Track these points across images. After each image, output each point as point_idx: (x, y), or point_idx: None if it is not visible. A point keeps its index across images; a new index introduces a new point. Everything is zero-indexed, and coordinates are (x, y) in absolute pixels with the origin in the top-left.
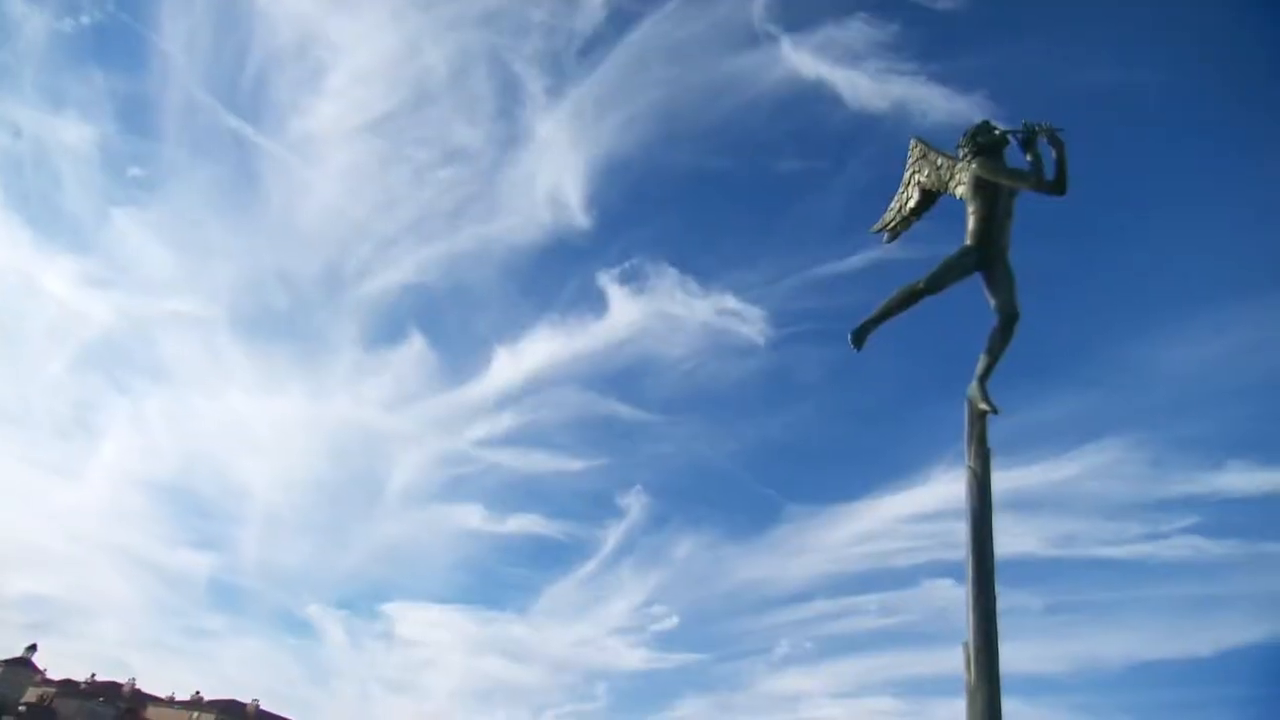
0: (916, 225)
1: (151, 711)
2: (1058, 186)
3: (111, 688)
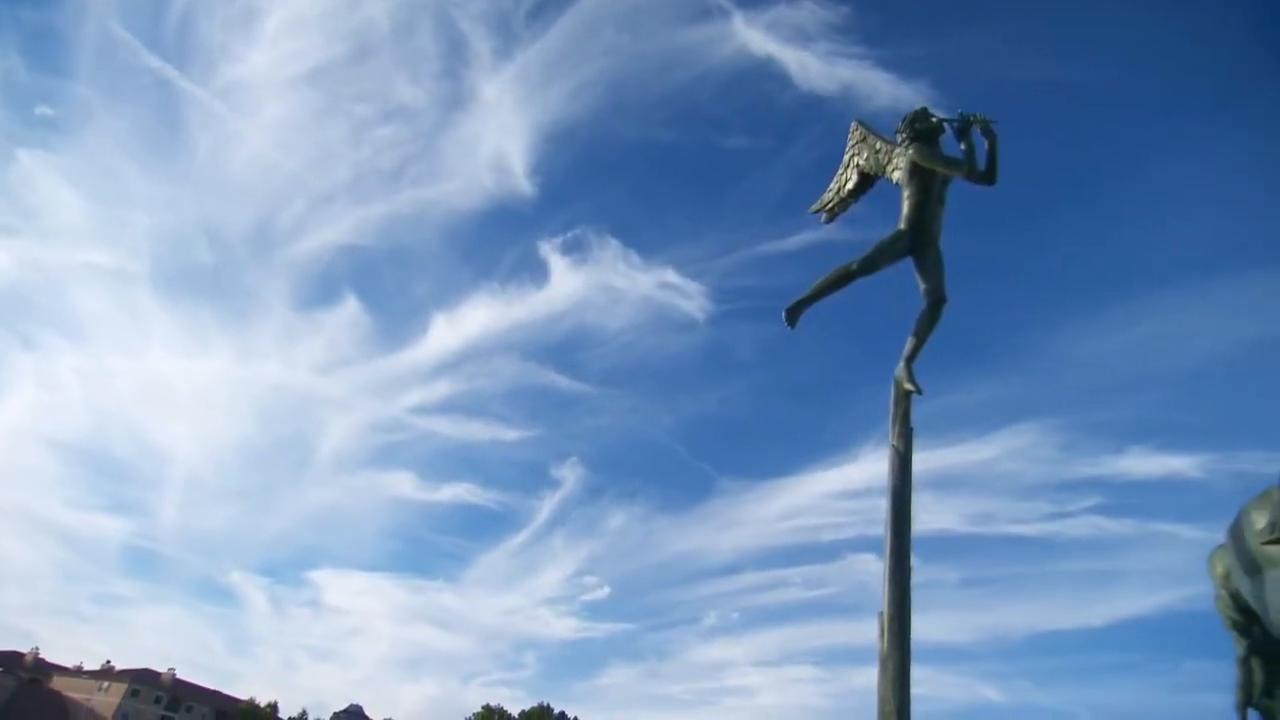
0: (856, 208)
1: (58, 681)
2: (988, 176)
3: (12, 657)
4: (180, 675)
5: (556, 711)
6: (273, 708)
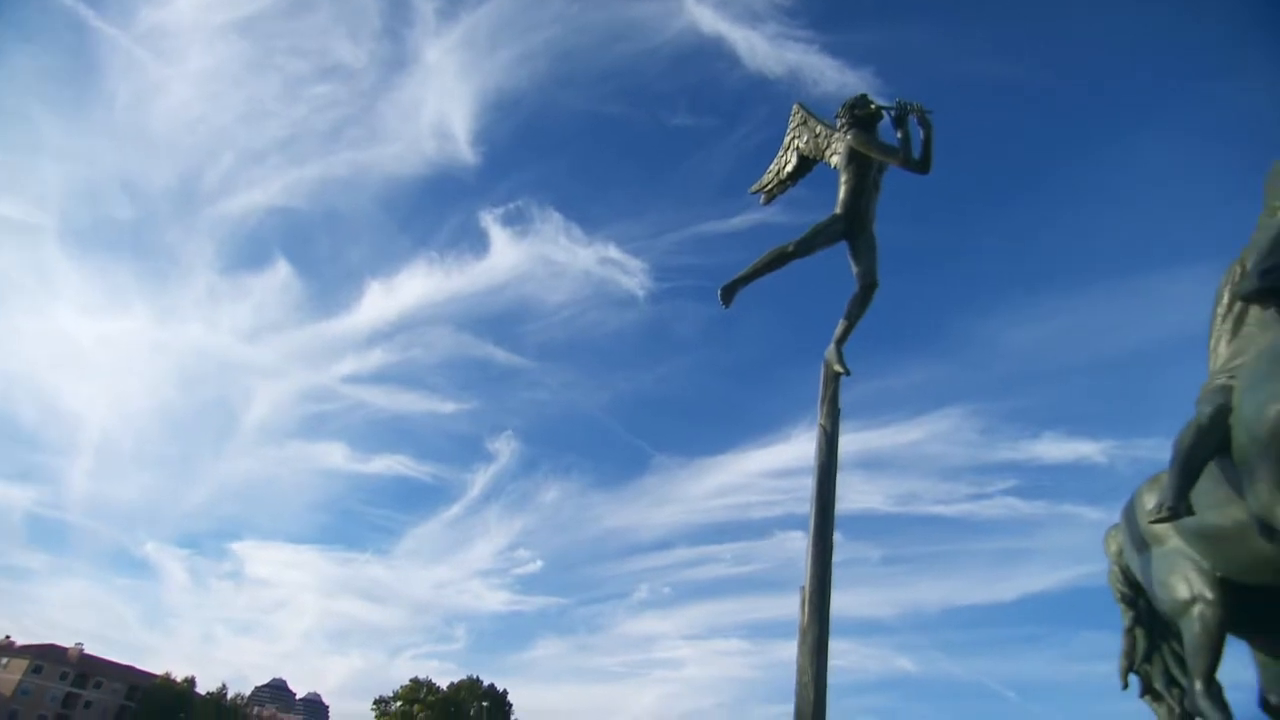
0: (798, 191)
1: None
2: (922, 165)
3: None
4: (89, 651)
5: (486, 684)
6: (190, 683)
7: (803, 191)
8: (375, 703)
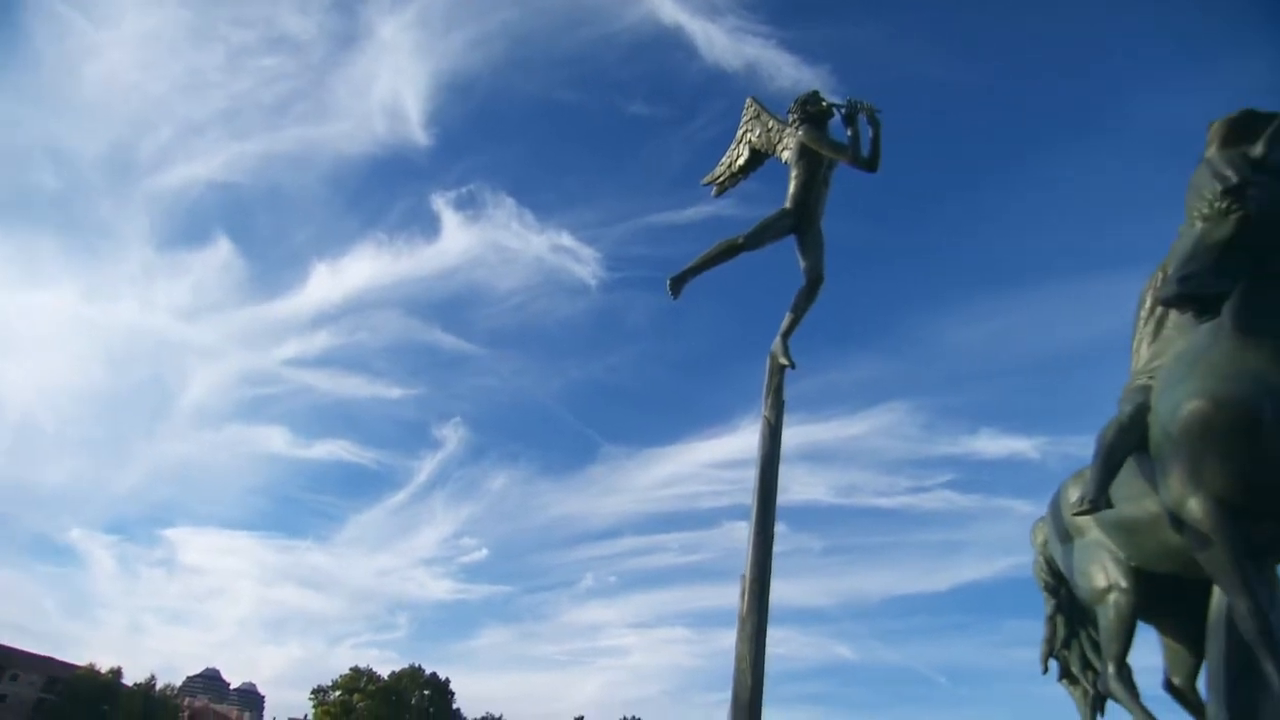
0: (752, 185)
1: None
2: (871, 164)
3: None
4: (3, 641)
5: (429, 673)
6: (115, 674)
7: (755, 185)
8: (313, 692)
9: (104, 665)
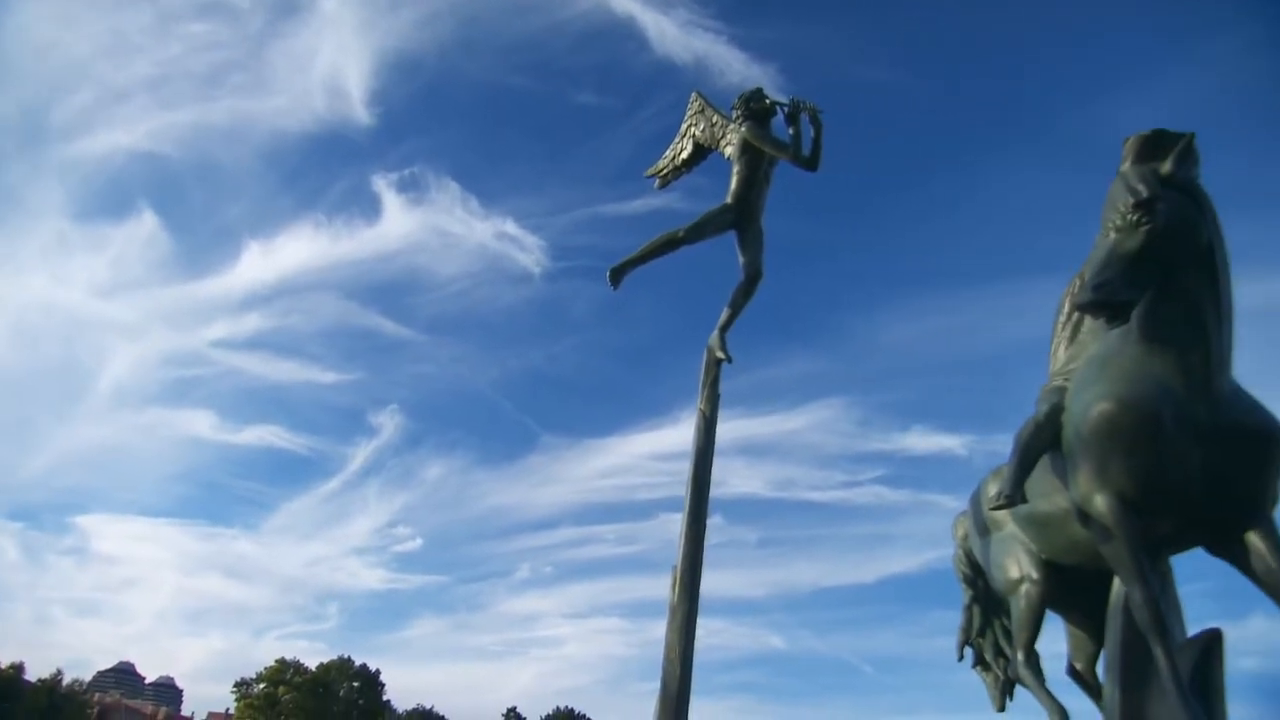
0: (699, 179)
1: None
2: (811, 163)
3: None
4: None
5: (358, 664)
6: (16, 669)
7: (702, 179)
8: (236, 685)
9: (3, 660)
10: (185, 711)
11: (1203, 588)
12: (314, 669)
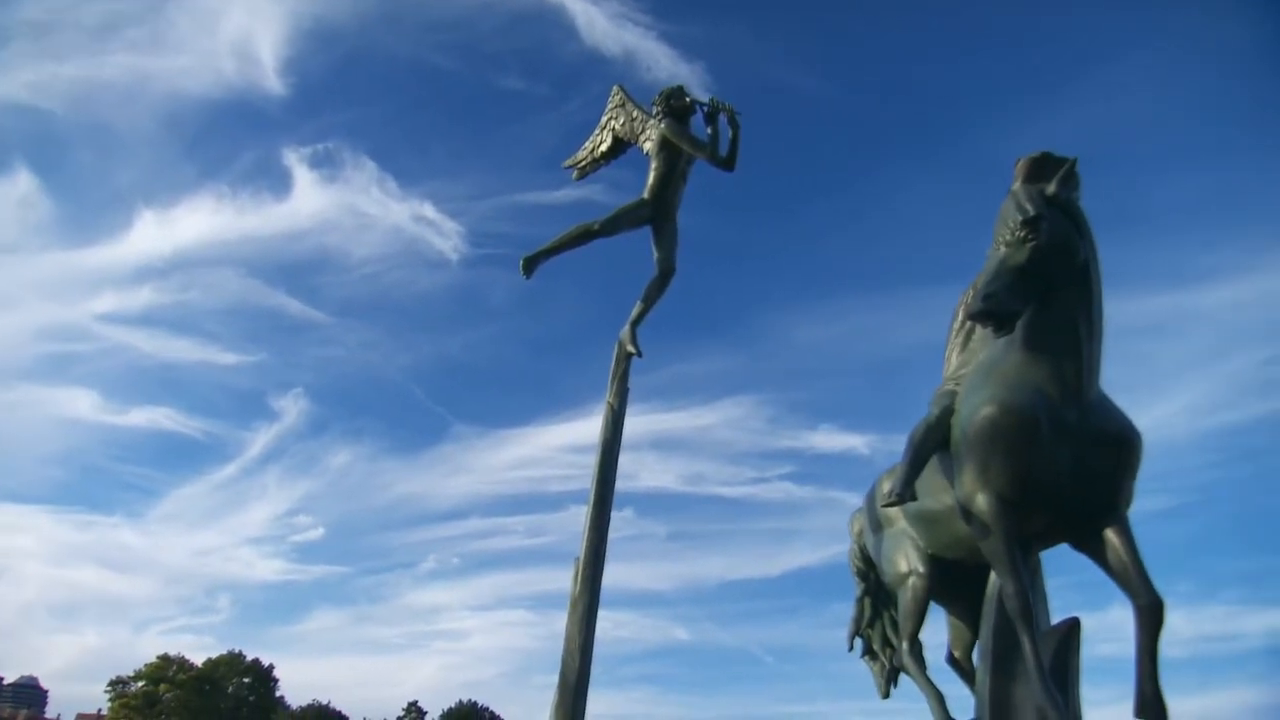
0: (622, 173)
1: None
2: (728, 163)
3: None
4: None
5: (250, 659)
6: None
7: (626, 173)
8: (111, 684)
9: None
10: (50, 713)
11: (1070, 581)
12: (200, 665)
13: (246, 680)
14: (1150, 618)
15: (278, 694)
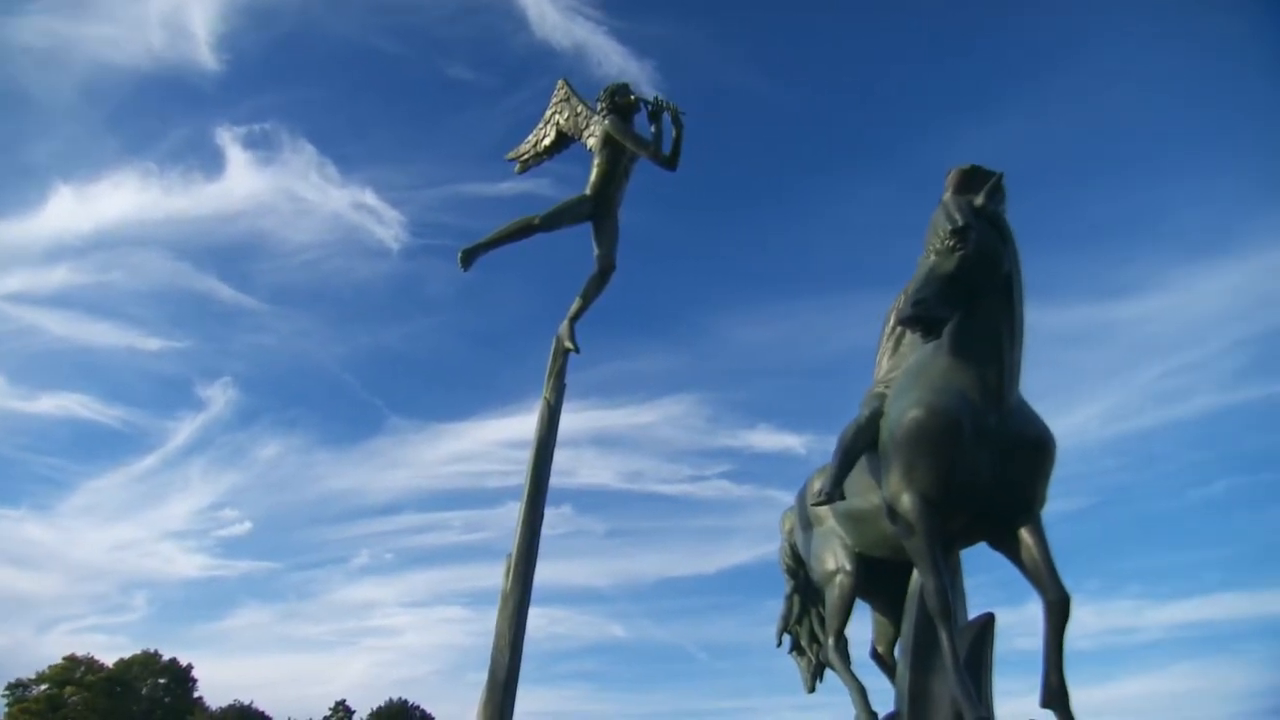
0: (567, 168)
1: None
2: (670, 162)
3: None
4: None
5: (167, 658)
6: None
7: (571, 168)
8: (9, 687)
9: None
10: None
11: (990, 579)
12: (111, 665)
13: (162, 681)
14: (1058, 612)
15: (196, 694)
